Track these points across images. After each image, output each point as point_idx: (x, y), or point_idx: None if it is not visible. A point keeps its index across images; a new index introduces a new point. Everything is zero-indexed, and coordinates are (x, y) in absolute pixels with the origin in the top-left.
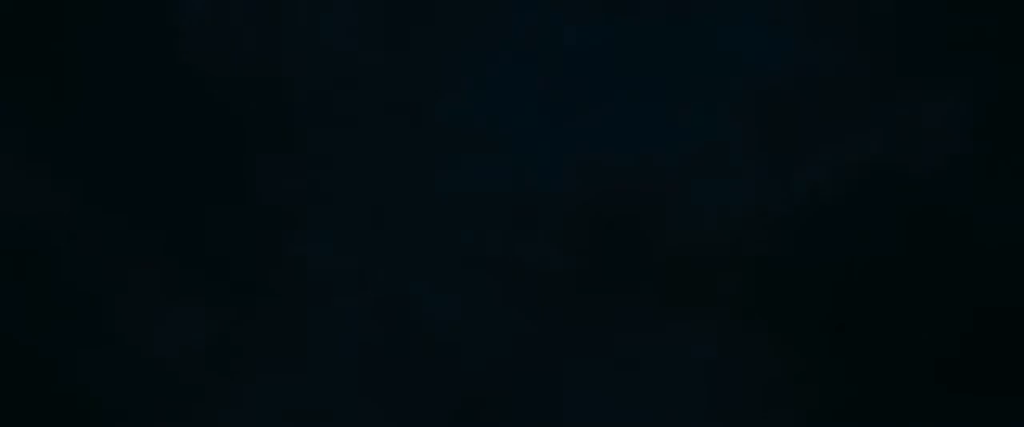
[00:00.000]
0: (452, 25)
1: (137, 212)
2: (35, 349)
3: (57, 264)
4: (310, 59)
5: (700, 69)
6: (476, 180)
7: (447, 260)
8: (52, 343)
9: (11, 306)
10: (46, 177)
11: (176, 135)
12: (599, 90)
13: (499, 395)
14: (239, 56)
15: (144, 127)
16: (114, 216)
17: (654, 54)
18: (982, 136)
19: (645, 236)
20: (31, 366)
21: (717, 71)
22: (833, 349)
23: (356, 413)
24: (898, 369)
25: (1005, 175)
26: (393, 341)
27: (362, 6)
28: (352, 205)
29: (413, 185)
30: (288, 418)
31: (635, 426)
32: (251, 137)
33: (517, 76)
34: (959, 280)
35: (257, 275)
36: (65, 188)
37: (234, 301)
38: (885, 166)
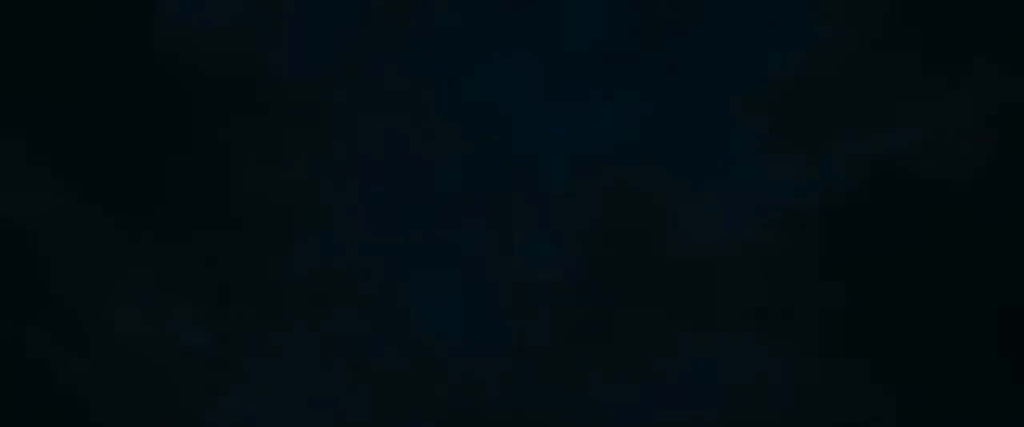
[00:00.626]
0: (450, 20)
1: (134, 213)
2: (29, 348)
3: (54, 264)
4: (308, 60)
5: (710, 63)
6: (474, 181)
7: (444, 263)
8: (47, 342)
9: (7, 305)
10: (46, 177)
11: (173, 136)
12: (603, 86)
13: (499, 406)
14: (237, 57)
15: (142, 128)
16: (111, 217)
17: (660, 47)
18: (1001, 135)
19: (652, 238)
20: (25, 365)
21: (728, 65)
22: (851, 350)
23: (350, 420)
24: (917, 369)
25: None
26: (389, 348)
27: (360, 4)
28: (347, 206)
29: (409, 186)
30: (281, 423)
31: None
32: (248, 138)
33: (517, 73)
34: (979, 280)
35: (252, 278)
36: (64, 188)
37: (229, 303)
38: (904, 165)
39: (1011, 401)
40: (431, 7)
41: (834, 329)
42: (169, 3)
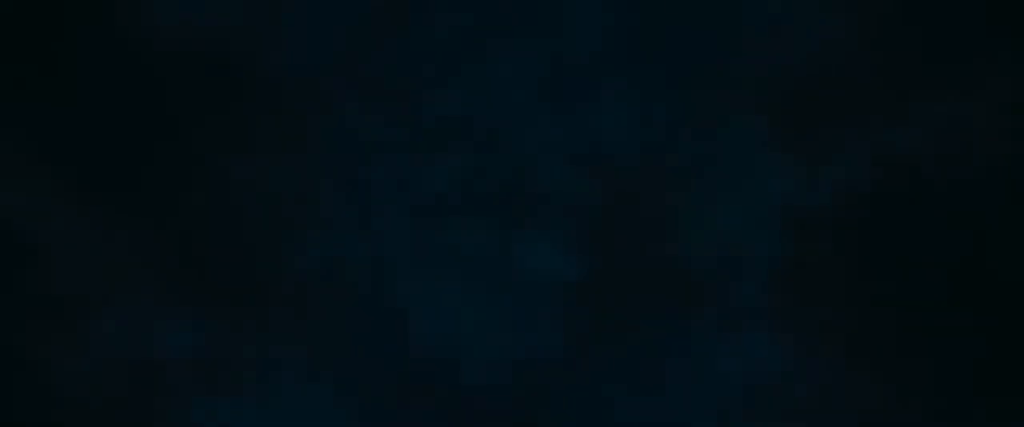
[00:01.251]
0: (450, 20)
1: (132, 214)
2: (23, 348)
3: (49, 264)
4: (307, 60)
5: (713, 62)
6: (474, 181)
7: (442, 266)
8: (41, 343)
9: (1, 306)
10: (44, 177)
11: (171, 137)
12: (604, 79)
13: (500, 414)
14: (236, 57)
15: (140, 129)
16: (109, 217)
17: (665, 39)
18: (1012, 135)
19: (656, 238)
20: (19, 365)
21: (731, 64)
22: (860, 351)
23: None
24: (925, 370)
25: None
26: (385, 353)
27: (359, 3)
28: (344, 207)
29: (408, 186)
30: None
31: None
32: (246, 138)
33: (518, 72)
34: (988, 280)
35: (247, 280)
36: (63, 188)
37: (224, 307)
38: (912, 164)
39: (1018, 402)
40: (431, 6)
41: (843, 330)
42: (168, 3)
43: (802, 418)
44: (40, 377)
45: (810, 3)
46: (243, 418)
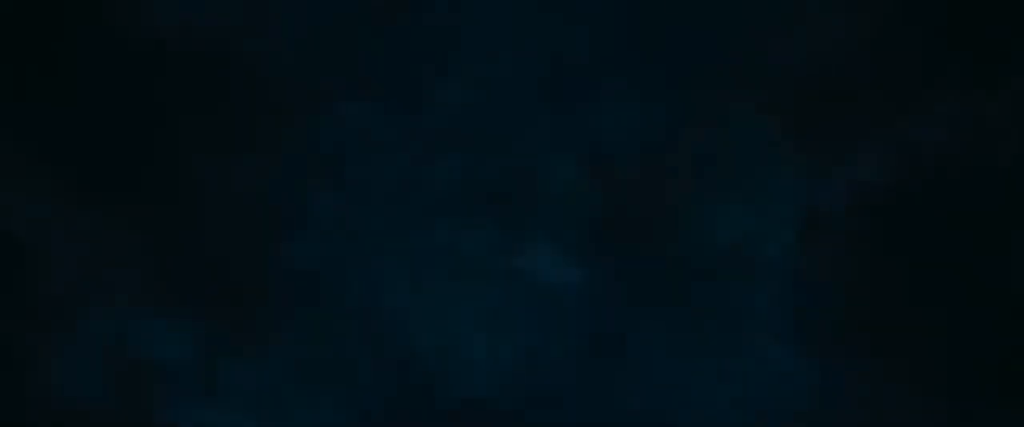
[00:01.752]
0: (450, 20)
1: (130, 215)
2: (21, 349)
3: (49, 265)
4: (306, 59)
5: (717, 62)
6: (473, 179)
7: (441, 267)
8: (34, 343)
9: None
10: (44, 178)
11: (170, 138)
12: (604, 79)
13: (499, 417)
14: (234, 57)
15: (139, 129)
16: (107, 219)
17: (665, 39)
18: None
19: (660, 240)
20: (16, 366)
21: (737, 64)
22: (873, 353)
23: None
24: (941, 372)
25: None
26: (382, 357)
27: (357, 3)
28: (342, 208)
29: (407, 187)
30: None
31: None
32: (240, 140)
33: (515, 63)
34: (1004, 281)
35: (246, 281)
36: (63, 188)
37: (222, 306)
38: (924, 164)
39: None
40: (430, 6)
41: (850, 330)
42: (168, 3)
43: (809, 419)
44: (38, 377)
45: (811, 3)
46: (241, 420)
